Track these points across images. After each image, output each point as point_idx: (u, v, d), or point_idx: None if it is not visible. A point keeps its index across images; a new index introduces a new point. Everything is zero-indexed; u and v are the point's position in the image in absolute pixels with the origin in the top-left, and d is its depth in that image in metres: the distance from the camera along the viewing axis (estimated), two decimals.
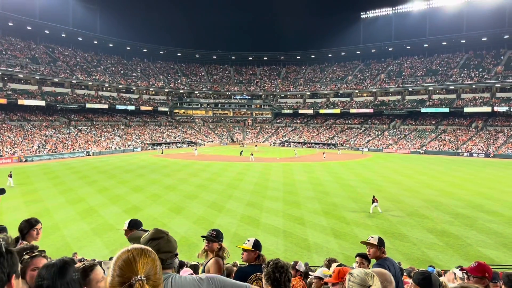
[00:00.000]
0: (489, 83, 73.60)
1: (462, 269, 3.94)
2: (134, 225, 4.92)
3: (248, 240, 4.32)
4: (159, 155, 61.86)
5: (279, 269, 3.02)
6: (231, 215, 23.42)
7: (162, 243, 2.21)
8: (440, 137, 72.67)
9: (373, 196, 24.43)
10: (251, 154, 55.93)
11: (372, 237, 4.98)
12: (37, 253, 2.42)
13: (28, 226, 4.12)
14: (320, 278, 4.39)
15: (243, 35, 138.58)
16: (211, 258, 4.36)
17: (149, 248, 1.71)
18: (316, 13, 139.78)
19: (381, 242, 4.91)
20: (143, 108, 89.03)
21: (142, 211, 24.26)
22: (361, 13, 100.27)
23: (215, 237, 4.41)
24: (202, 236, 4.46)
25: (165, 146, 76.41)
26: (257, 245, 4.30)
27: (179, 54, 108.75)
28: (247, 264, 4.34)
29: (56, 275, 1.97)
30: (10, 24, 74.17)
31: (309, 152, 70.34)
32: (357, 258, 5.54)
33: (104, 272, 2.57)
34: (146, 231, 2.87)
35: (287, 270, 3.06)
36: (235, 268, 6.39)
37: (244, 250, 4.29)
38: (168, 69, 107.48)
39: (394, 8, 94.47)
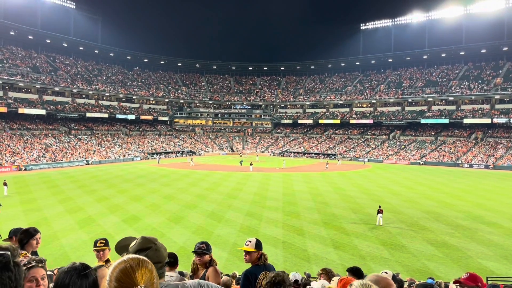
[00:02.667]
0: (488, 95, 73.88)
1: (455, 281, 3.94)
2: (14, 234, 4.53)
3: (250, 241, 4.30)
4: (157, 165, 61.76)
5: (277, 285, 3.04)
6: (231, 225, 23.32)
7: (150, 254, 2.06)
8: (440, 148, 72.69)
9: (379, 207, 24.31)
10: (251, 164, 55.85)
11: (386, 273, 4.87)
12: (34, 263, 2.38)
13: (28, 236, 4.08)
14: None
15: (244, 45, 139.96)
16: (208, 268, 4.32)
17: (145, 258, 1.65)
18: (316, 24, 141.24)
19: (394, 279, 4.84)
20: (143, 117, 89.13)
21: (141, 221, 24.16)
22: (361, 25, 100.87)
23: (205, 249, 4.38)
24: (193, 252, 4.43)
25: (165, 156, 76.29)
26: (258, 245, 4.31)
27: (179, 64, 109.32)
28: (251, 265, 4.32)
29: (81, 277, 1.96)
30: (12, 33, 74.65)
31: (307, 162, 70.28)
32: (347, 273, 5.47)
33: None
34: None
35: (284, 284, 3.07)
36: (233, 280, 6.32)
37: (247, 252, 4.26)
38: (169, 79, 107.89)
39: (393, 20, 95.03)
